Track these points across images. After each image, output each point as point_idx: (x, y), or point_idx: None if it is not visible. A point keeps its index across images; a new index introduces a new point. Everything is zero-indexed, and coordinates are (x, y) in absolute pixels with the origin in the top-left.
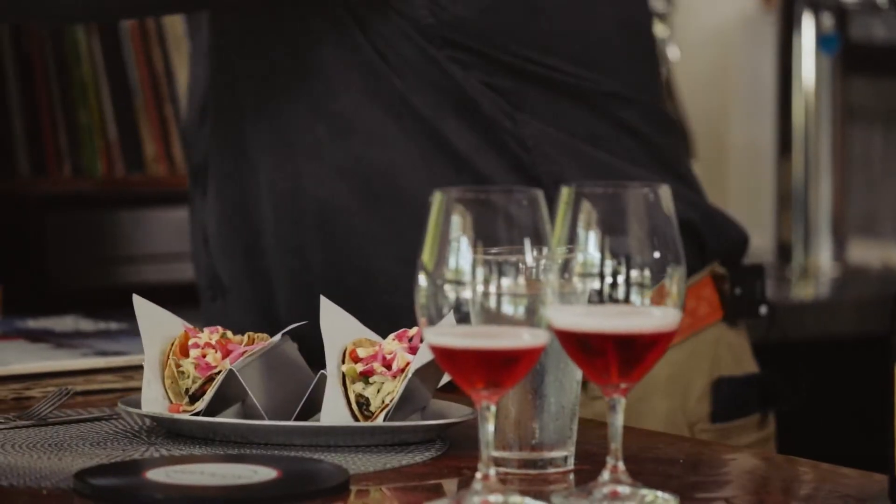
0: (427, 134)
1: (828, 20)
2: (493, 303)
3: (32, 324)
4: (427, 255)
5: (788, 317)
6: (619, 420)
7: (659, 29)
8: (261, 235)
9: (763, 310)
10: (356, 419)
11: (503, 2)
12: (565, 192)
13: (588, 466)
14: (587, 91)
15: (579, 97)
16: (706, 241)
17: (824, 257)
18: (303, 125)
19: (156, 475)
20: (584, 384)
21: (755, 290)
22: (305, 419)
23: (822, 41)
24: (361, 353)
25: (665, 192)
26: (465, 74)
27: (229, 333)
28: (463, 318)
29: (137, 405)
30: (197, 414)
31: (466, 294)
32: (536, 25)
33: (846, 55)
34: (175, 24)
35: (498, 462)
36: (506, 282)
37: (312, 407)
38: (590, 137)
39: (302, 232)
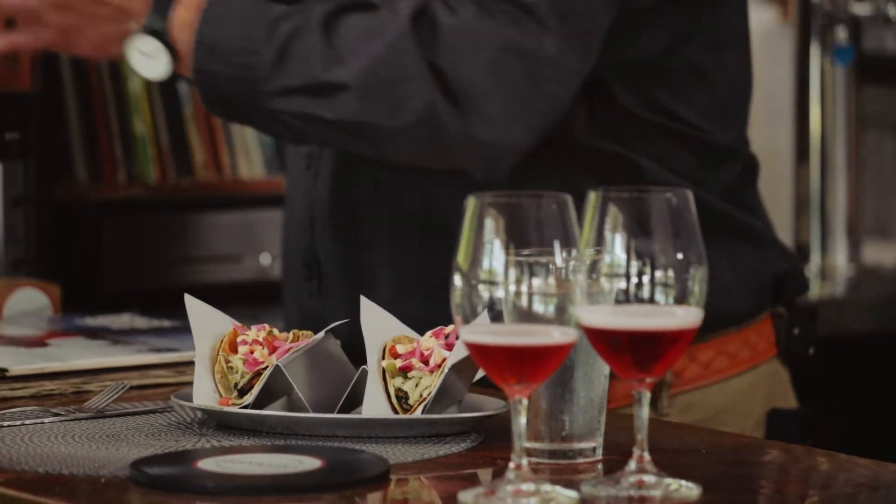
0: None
1: (842, 32)
2: (524, 302)
3: (90, 321)
4: (462, 257)
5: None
6: (644, 412)
7: None
8: (372, 231)
9: (811, 350)
10: (395, 412)
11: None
12: (592, 197)
13: (616, 456)
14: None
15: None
16: (787, 291)
17: (840, 258)
18: None
19: (207, 465)
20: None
21: (809, 331)
22: (347, 412)
23: (837, 52)
24: (400, 349)
25: (687, 197)
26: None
27: (275, 331)
28: (496, 316)
29: (189, 399)
30: (245, 407)
31: (499, 294)
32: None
33: (860, 66)
34: None
35: (530, 453)
36: (537, 282)
37: (354, 400)
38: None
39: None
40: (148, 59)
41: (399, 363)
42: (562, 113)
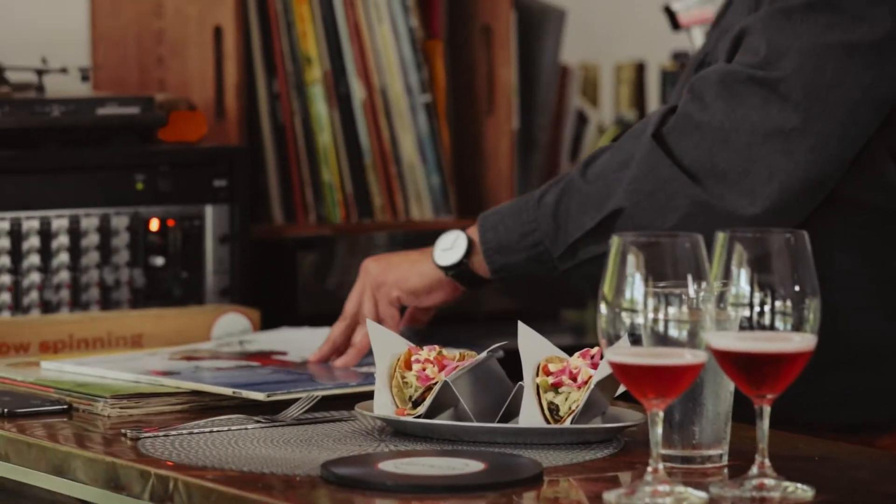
0: None
1: None
2: (661, 328)
3: (296, 352)
4: (607, 288)
5: None
6: (765, 424)
7: None
8: None
9: None
10: (548, 422)
11: None
12: (721, 237)
13: (740, 462)
14: None
15: None
16: None
17: None
18: None
19: (386, 466)
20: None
21: None
22: (506, 422)
23: None
24: (552, 367)
25: (803, 237)
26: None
27: (444, 351)
28: (636, 340)
29: (370, 409)
30: (418, 417)
31: (639, 320)
32: None
33: None
34: (398, 100)
35: (664, 458)
36: (672, 310)
37: (512, 412)
38: None
39: None
40: (447, 251)
41: (551, 380)
42: (828, 175)
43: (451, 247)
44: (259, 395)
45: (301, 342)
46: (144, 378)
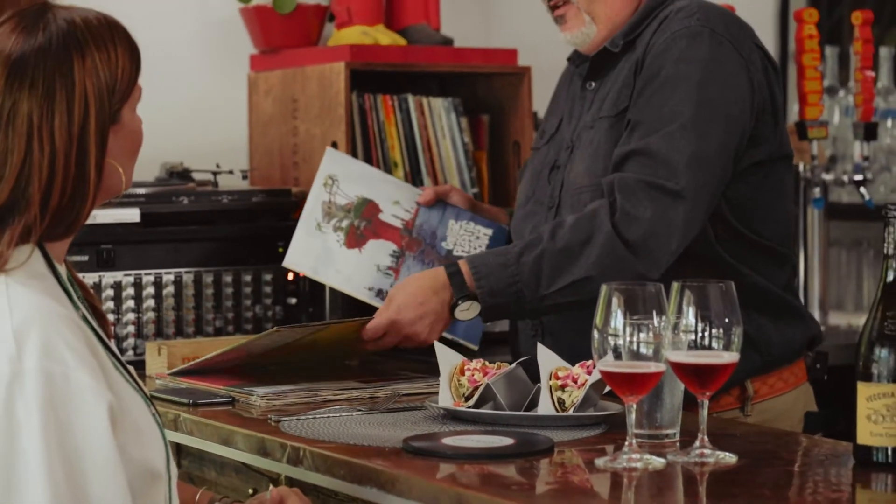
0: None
1: (817, 191)
2: (635, 347)
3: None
4: (599, 320)
5: None
6: (704, 412)
7: None
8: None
9: (825, 377)
10: (557, 411)
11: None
12: (675, 286)
13: (688, 438)
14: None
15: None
16: (814, 344)
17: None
18: None
19: (447, 441)
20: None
21: (824, 365)
22: (529, 411)
23: (814, 202)
24: (560, 374)
25: (731, 285)
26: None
27: (486, 362)
28: (618, 355)
29: (436, 402)
30: (469, 408)
31: (620, 342)
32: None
33: (827, 210)
34: None
35: (636, 436)
36: (642, 335)
37: (533, 404)
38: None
39: None
40: (466, 311)
41: (559, 382)
42: (693, 236)
43: (467, 309)
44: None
45: (380, 182)
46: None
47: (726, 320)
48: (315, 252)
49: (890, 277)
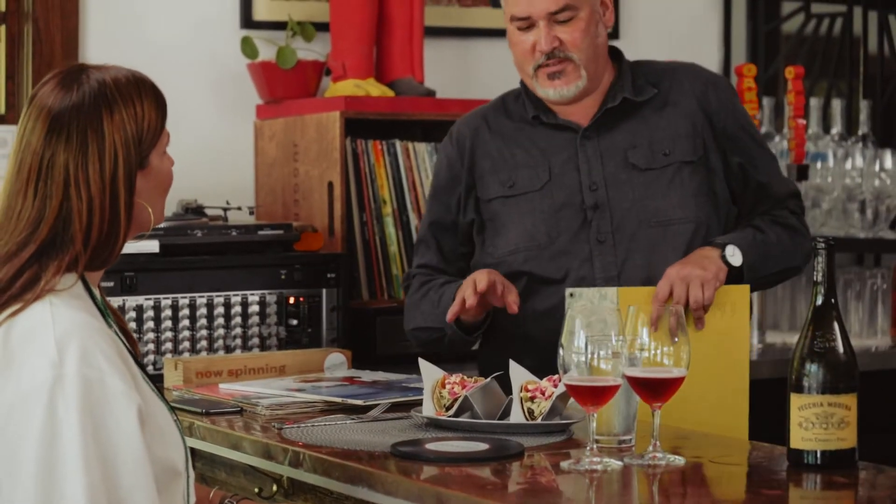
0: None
1: None
2: (595, 363)
3: (368, 376)
4: (564, 339)
5: None
6: (657, 420)
7: None
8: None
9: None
10: (527, 420)
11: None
12: (631, 310)
13: (642, 443)
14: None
15: None
16: None
17: (754, 340)
18: None
19: (431, 446)
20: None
21: None
22: (502, 420)
23: None
24: (530, 387)
25: (681, 310)
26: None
27: (465, 377)
28: (581, 370)
29: (420, 411)
30: (449, 417)
31: (583, 359)
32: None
33: None
34: None
35: (597, 441)
36: (602, 353)
37: (506, 414)
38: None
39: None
40: (733, 256)
41: (529, 394)
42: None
43: (733, 255)
44: (357, 402)
45: (369, 374)
46: (284, 392)
47: (675, 340)
48: None
49: (819, 301)
